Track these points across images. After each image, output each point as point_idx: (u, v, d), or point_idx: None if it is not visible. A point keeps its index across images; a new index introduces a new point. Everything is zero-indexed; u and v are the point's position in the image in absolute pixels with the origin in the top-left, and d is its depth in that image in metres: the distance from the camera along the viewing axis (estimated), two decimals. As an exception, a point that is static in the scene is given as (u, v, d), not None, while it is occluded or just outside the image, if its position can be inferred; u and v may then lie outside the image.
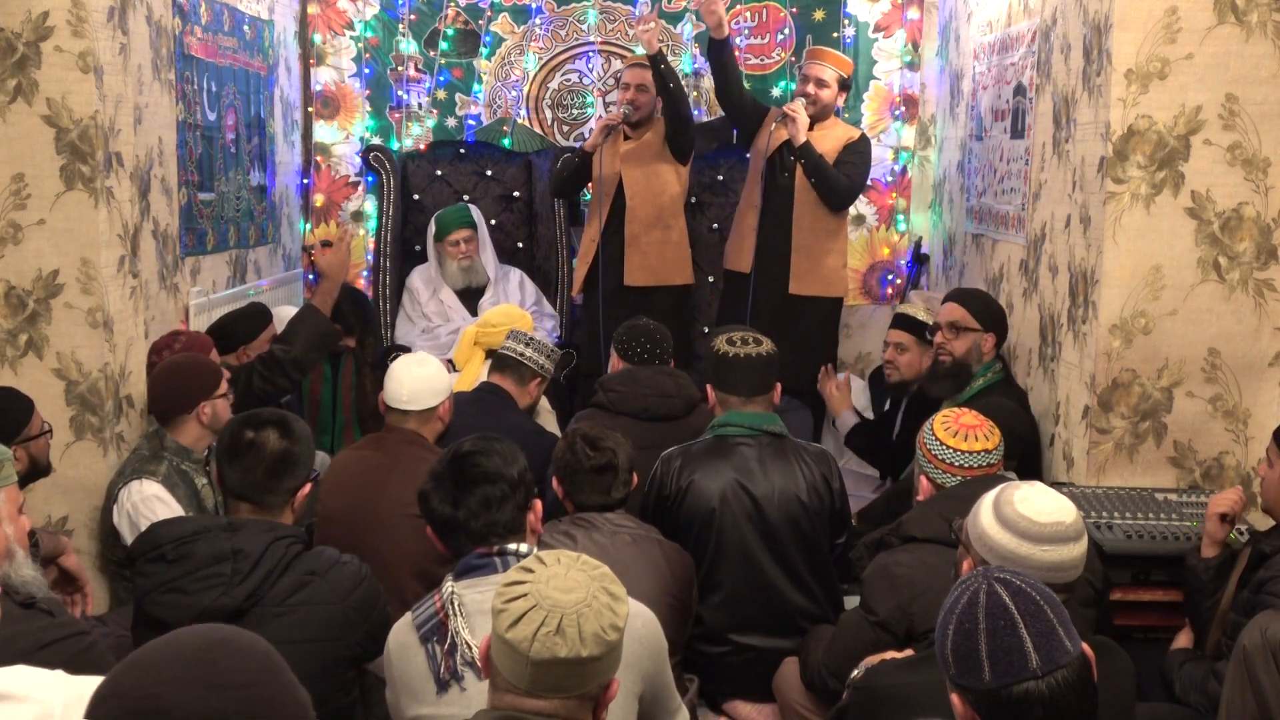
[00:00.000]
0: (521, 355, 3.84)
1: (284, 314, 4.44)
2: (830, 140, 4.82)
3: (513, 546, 2.30)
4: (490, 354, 4.12)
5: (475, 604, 2.18)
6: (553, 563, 1.72)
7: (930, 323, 4.25)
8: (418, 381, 3.29)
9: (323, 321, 3.88)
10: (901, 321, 4.40)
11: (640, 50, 5.59)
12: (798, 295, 4.82)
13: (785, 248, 4.81)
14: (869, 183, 5.53)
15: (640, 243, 4.96)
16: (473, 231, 5.14)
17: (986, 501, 2.10)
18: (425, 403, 3.29)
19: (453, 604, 2.18)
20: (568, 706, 1.66)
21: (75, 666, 2.10)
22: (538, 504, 2.44)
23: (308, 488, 2.56)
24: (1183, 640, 2.96)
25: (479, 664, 2.08)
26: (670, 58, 5.56)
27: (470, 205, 5.26)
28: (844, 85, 4.87)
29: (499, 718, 1.66)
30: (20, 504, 2.44)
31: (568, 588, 1.67)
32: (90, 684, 1.82)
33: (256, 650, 1.34)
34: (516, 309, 4.45)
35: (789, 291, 4.82)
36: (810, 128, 4.79)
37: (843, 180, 4.76)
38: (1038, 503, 2.04)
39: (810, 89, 4.80)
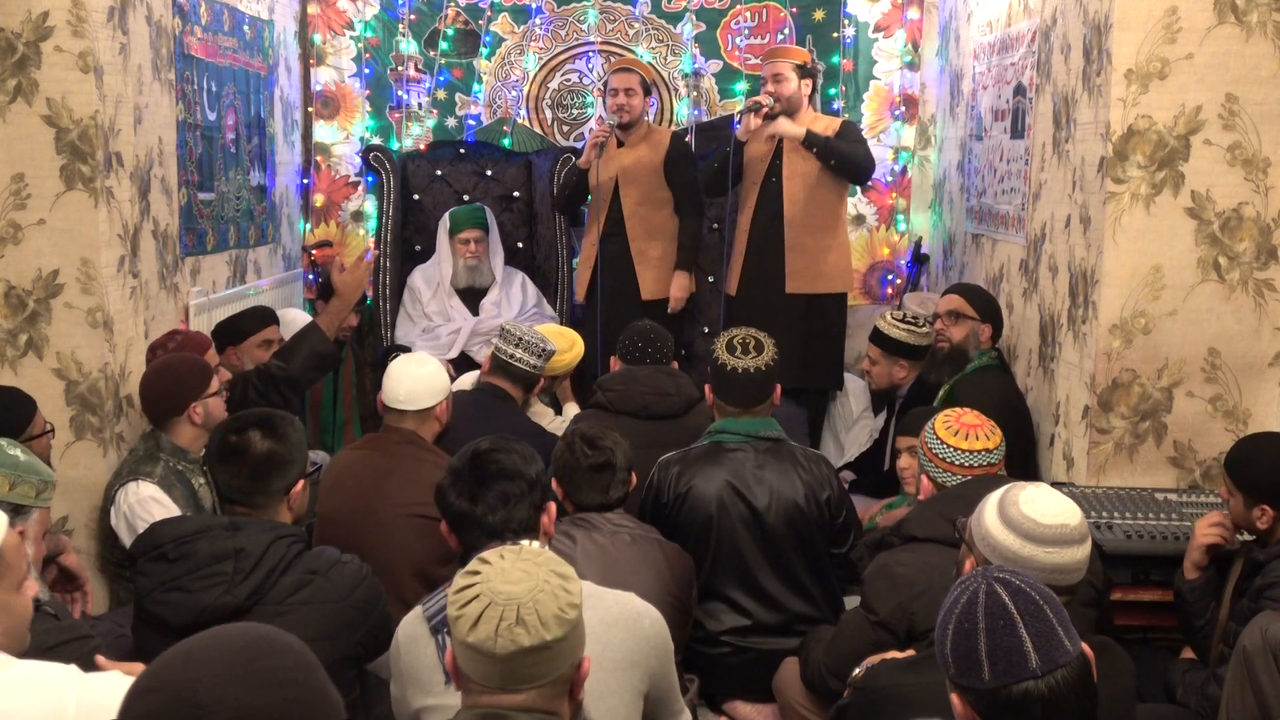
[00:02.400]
0: (511, 358, 3.81)
1: (290, 317, 4.44)
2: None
3: (525, 542, 2.30)
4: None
5: None
6: (496, 560, 1.73)
7: (899, 340, 4.41)
8: (415, 381, 3.29)
9: (324, 343, 3.86)
10: (873, 336, 4.53)
11: (642, 54, 5.61)
12: (795, 294, 4.82)
13: (779, 249, 4.83)
14: (869, 181, 5.55)
15: (649, 257, 5.05)
16: (483, 233, 5.17)
17: (991, 501, 2.10)
18: (422, 403, 3.28)
19: None
20: (543, 695, 1.66)
21: (80, 669, 2.11)
22: (551, 506, 2.45)
23: (301, 484, 2.55)
24: (1189, 653, 2.97)
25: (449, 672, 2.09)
26: (670, 58, 5.60)
27: (485, 209, 5.28)
28: (805, 73, 4.84)
29: (478, 715, 1.66)
30: (47, 528, 2.46)
31: (516, 579, 1.68)
32: (101, 682, 1.84)
33: (295, 649, 1.35)
34: (569, 336, 4.35)
35: (786, 291, 4.82)
36: (791, 119, 4.80)
37: (860, 149, 4.77)
38: (1042, 504, 2.04)
39: (770, 87, 4.82)
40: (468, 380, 4.11)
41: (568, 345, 4.25)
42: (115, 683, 1.84)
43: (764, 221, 4.85)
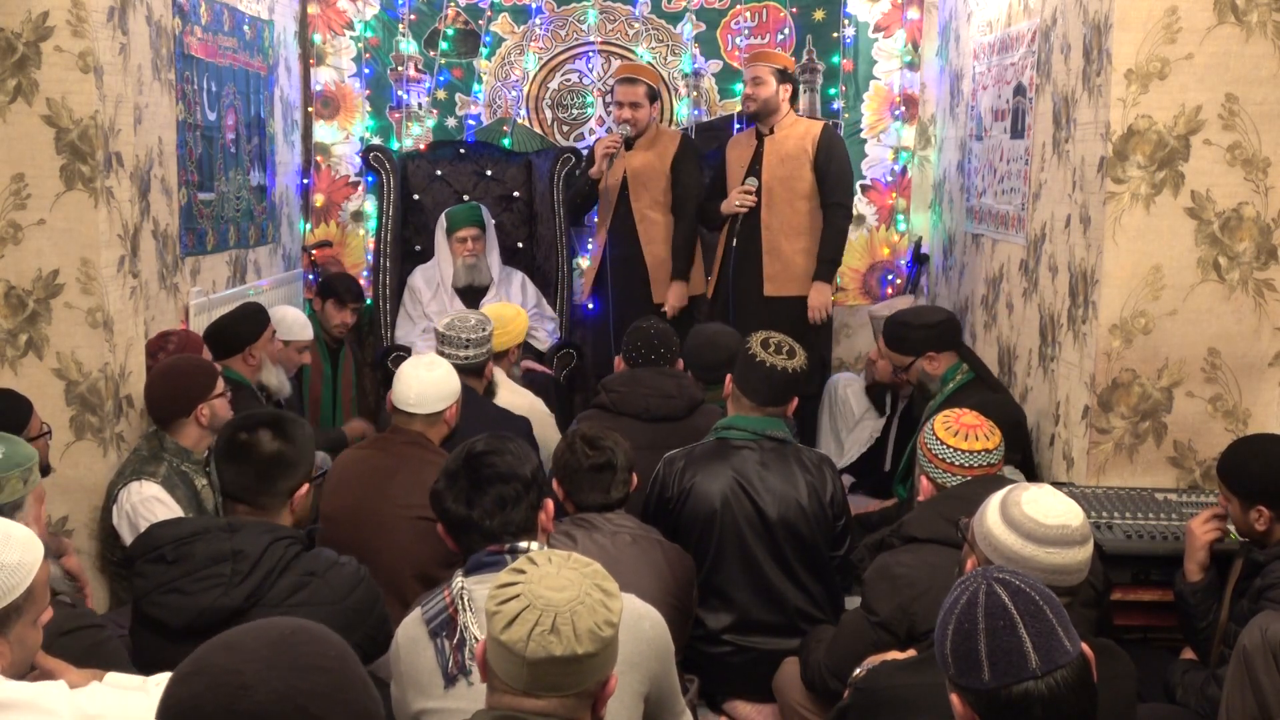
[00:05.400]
0: (469, 359, 3.71)
1: (281, 314, 4.44)
2: (793, 140, 4.86)
3: (524, 545, 2.30)
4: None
5: (485, 599, 2.18)
6: (544, 562, 1.72)
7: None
8: (426, 385, 3.27)
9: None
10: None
11: (642, 54, 5.62)
12: (773, 297, 4.84)
13: (757, 252, 4.84)
14: (869, 181, 5.55)
15: (660, 260, 5.10)
16: (480, 231, 5.18)
17: (994, 501, 2.10)
18: (432, 406, 3.27)
19: (462, 599, 2.19)
20: (566, 705, 1.66)
21: (91, 656, 2.14)
22: (549, 504, 2.44)
23: (305, 488, 2.55)
24: (1189, 653, 2.96)
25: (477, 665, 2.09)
26: (670, 58, 5.60)
27: (481, 206, 5.29)
28: (784, 78, 4.89)
29: (497, 717, 1.66)
30: (43, 502, 2.47)
31: (560, 586, 1.67)
32: (91, 697, 1.84)
33: (333, 640, 1.39)
34: (508, 308, 4.38)
35: (764, 295, 4.84)
36: (768, 122, 4.87)
37: (840, 232, 4.87)
38: (1045, 504, 2.04)
39: (749, 89, 4.89)
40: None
41: (510, 315, 4.21)
42: (106, 696, 1.85)
43: (742, 225, 4.87)
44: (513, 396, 3.98)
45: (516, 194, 5.57)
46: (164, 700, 1.31)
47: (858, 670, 2.36)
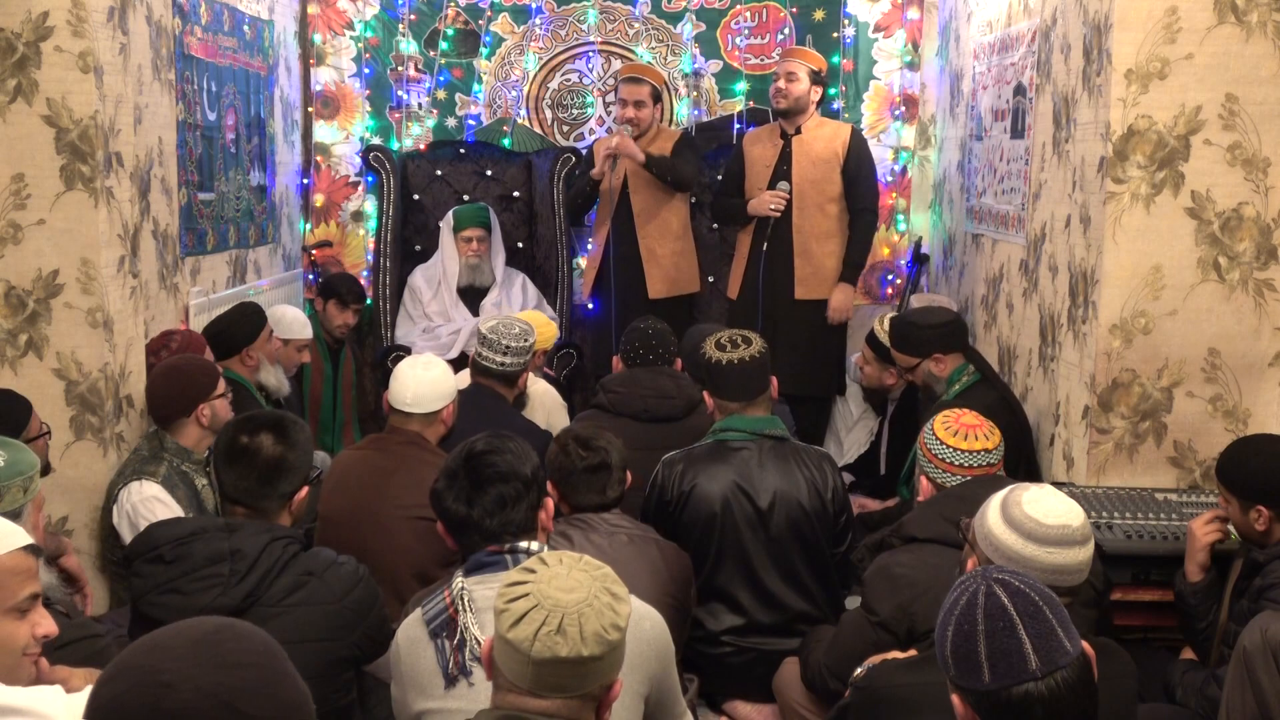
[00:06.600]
0: (504, 366, 3.71)
1: (281, 313, 4.44)
2: (821, 142, 4.87)
3: (524, 544, 2.30)
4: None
5: (485, 600, 2.18)
6: (554, 563, 1.72)
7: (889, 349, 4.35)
8: (423, 385, 3.27)
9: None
10: (869, 338, 4.55)
11: (642, 54, 5.61)
12: (804, 300, 4.84)
13: (788, 255, 4.85)
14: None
15: (657, 256, 5.11)
16: (485, 232, 5.19)
17: (995, 501, 2.10)
18: (429, 406, 3.27)
19: (462, 599, 2.19)
20: (570, 706, 1.66)
21: (89, 666, 2.12)
22: (549, 502, 2.44)
23: (305, 490, 2.55)
24: (1189, 653, 2.97)
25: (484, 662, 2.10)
26: (670, 58, 5.60)
27: (489, 209, 5.29)
28: (817, 79, 4.91)
29: (501, 717, 1.66)
30: (42, 507, 2.46)
31: (569, 587, 1.68)
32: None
33: (258, 635, 1.39)
34: (539, 316, 4.42)
35: (795, 297, 4.85)
36: (794, 121, 4.89)
37: (869, 238, 4.95)
38: (1045, 504, 2.04)
39: (781, 84, 4.89)
40: (464, 377, 4.09)
41: (544, 322, 4.33)
42: None
43: (770, 227, 4.85)
44: (531, 385, 4.01)
45: (516, 194, 5.57)
46: (90, 702, 1.32)
47: (858, 670, 2.36)
